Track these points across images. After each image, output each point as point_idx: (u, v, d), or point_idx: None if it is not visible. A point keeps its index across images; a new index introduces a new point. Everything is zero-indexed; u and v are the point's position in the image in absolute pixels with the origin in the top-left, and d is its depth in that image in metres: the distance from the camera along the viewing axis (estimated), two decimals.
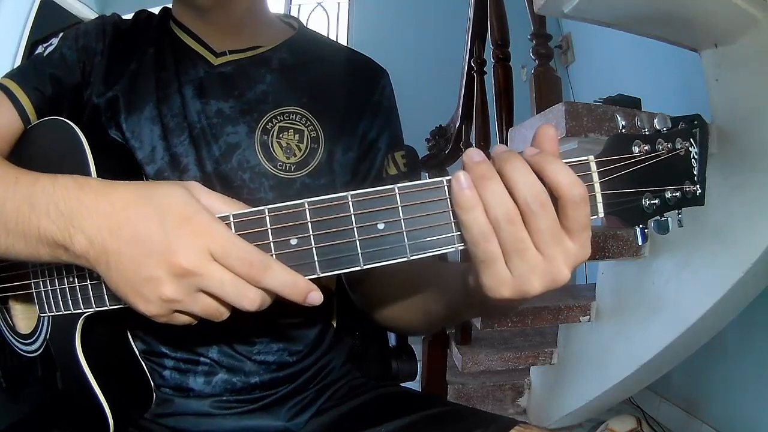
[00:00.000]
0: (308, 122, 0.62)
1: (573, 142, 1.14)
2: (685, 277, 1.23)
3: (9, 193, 0.42)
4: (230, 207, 0.40)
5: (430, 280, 0.55)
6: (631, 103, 1.38)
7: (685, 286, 1.23)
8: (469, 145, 2.06)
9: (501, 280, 0.37)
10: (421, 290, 0.56)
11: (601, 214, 0.39)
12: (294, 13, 3.68)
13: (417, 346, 1.68)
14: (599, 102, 1.37)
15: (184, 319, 0.40)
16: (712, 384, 1.68)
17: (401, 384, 0.79)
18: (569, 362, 1.61)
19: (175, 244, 0.37)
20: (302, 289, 0.38)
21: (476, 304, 0.46)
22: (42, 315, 0.53)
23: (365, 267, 0.38)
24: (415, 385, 1.28)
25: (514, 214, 0.36)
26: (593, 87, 2.54)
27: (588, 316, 1.51)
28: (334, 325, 0.72)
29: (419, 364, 1.76)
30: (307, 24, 0.73)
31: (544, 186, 0.36)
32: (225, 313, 0.40)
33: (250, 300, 0.38)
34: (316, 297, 0.38)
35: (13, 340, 0.58)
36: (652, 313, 1.32)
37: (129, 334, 0.56)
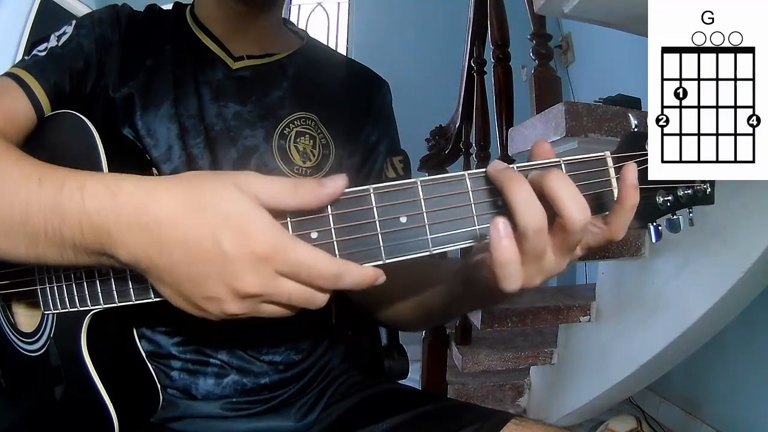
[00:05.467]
0: (318, 129, 0.64)
1: (573, 142, 1.15)
2: (685, 277, 1.23)
3: (33, 196, 0.38)
4: (293, 194, 0.36)
5: (430, 277, 0.55)
6: (631, 103, 1.38)
7: (685, 286, 1.23)
8: (469, 146, 2.07)
9: (515, 279, 0.37)
10: (421, 287, 0.56)
11: None
12: (294, 13, 3.68)
13: (416, 346, 1.69)
14: (599, 102, 1.37)
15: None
16: (712, 384, 1.68)
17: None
18: (569, 362, 1.61)
19: (236, 267, 0.34)
20: (371, 277, 0.37)
21: (472, 299, 0.47)
22: (46, 313, 0.53)
23: (387, 261, 0.38)
24: (414, 385, 1.27)
25: (544, 224, 0.35)
26: (593, 87, 2.55)
27: (588, 316, 1.51)
28: (334, 323, 0.72)
29: (418, 364, 1.77)
30: (307, 24, 0.75)
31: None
32: (290, 314, 0.38)
33: (319, 304, 0.37)
34: (382, 276, 0.37)
35: (15, 339, 0.58)
36: (652, 313, 1.32)
37: (136, 334, 0.56)
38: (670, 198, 0.40)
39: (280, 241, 0.35)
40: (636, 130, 0.40)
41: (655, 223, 0.41)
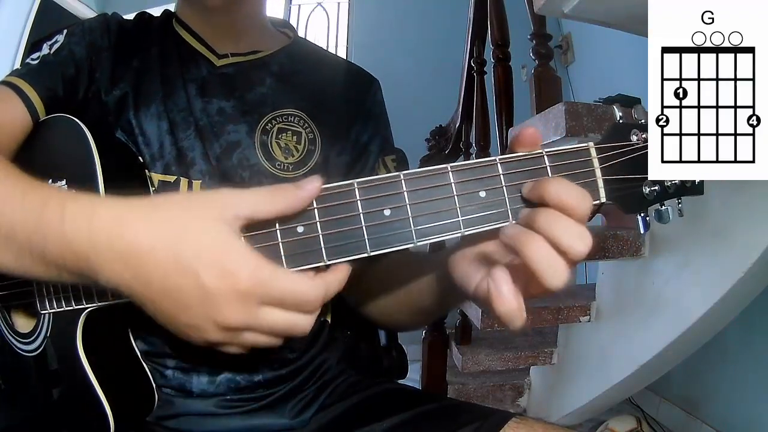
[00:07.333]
0: (306, 125, 0.65)
1: (573, 142, 1.14)
2: (685, 277, 1.23)
3: (17, 214, 0.39)
4: (270, 203, 0.36)
5: (418, 273, 0.55)
6: (631, 103, 1.37)
7: (685, 286, 1.23)
8: (469, 146, 2.06)
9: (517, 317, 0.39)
10: (410, 284, 0.57)
11: (603, 200, 0.39)
12: (294, 13, 3.68)
13: (416, 346, 1.69)
14: (599, 102, 1.37)
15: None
16: (712, 384, 1.68)
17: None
18: (569, 362, 1.61)
19: (217, 301, 0.35)
20: (346, 272, 0.39)
21: (456, 296, 0.47)
22: (42, 312, 0.53)
23: (372, 253, 0.38)
24: (414, 384, 1.27)
25: (567, 278, 0.36)
26: (593, 87, 2.55)
27: (588, 316, 1.51)
28: (329, 321, 0.72)
29: (418, 364, 1.77)
30: (307, 24, 0.76)
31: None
32: (275, 343, 0.39)
33: (302, 330, 0.37)
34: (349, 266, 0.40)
35: (12, 339, 0.58)
36: (652, 313, 1.32)
37: (131, 333, 0.56)
38: (656, 188, 0.39)
39: (262, 275, 0.35)
40: (621, 121, 0.40)
41: (642, 214, 0.40)
